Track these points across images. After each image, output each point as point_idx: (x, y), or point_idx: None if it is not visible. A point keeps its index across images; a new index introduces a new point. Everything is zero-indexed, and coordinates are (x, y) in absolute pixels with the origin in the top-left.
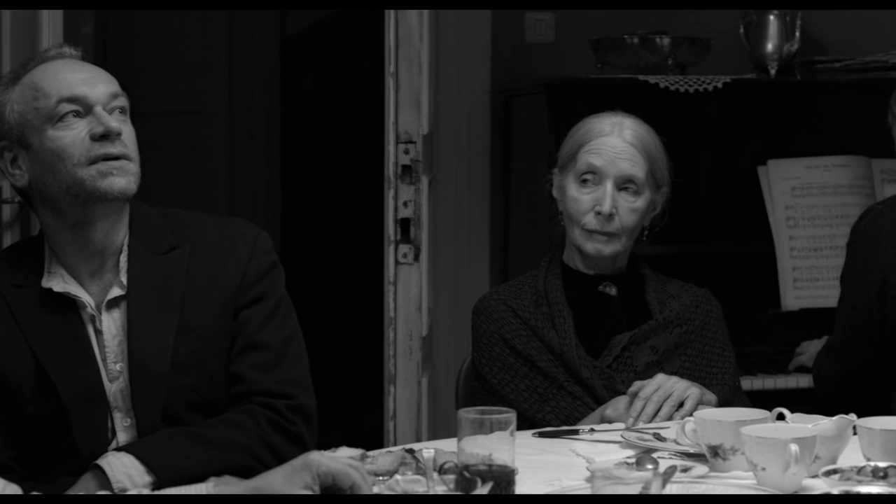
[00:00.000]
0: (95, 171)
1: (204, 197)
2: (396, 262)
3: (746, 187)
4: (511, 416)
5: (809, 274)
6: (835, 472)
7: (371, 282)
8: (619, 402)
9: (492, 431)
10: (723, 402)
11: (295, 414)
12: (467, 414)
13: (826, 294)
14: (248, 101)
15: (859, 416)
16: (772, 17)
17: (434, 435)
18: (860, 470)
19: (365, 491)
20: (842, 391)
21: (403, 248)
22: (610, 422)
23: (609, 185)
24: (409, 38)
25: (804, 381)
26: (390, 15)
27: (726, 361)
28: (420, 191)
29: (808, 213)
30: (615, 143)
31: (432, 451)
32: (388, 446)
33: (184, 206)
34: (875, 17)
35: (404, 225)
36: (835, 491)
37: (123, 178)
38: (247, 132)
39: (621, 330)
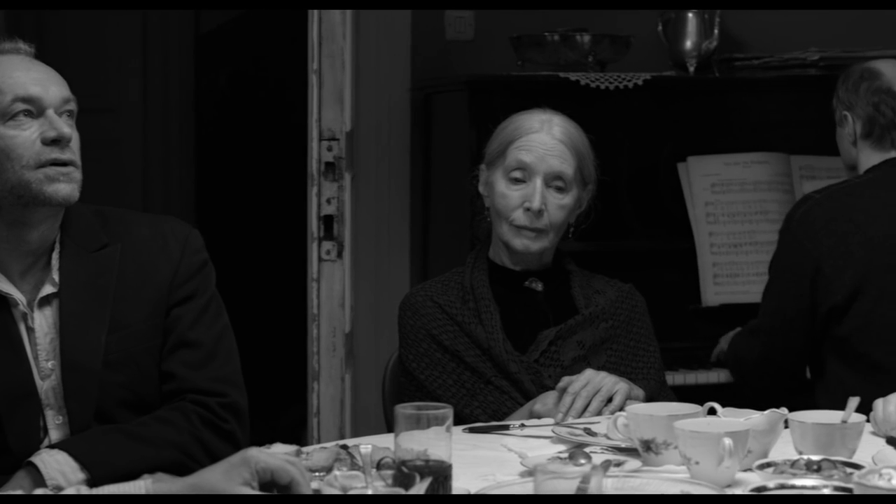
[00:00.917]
0: (43, 174)
1: (118, 194)
2: (320, 259)
3: (666, 184)
4: (448, 411)
5: (729, 270)
6: (768, 465)
7: (293, 279)
8: (548, 398)
9: (428, 427)
10: (649, 397)
11: (227, 411)
12: (404, 410)
13: (746, 290)
14: (161, 98)
15: (777, 404)
16: (690, 15)
17: (356, 431)
18: (794, 463)
19: (304, 487)
20: (761, 375)
21: (327, 244)
22: (539, 417)
23: (538, 182)
24: (332, 35)
25: (724, 375)
26: (314, 13)
27: (651, 356)
28: (343, 188)
29: (728, 209)
30: (545, 139)
31: (369, 446)
32: (311, 443)
33: (97, 203)
34: (792, 16)
35: (327, 222)
36: (770, 484)
37: (69, 185)
38: (161, 129)
39: (548, 325)
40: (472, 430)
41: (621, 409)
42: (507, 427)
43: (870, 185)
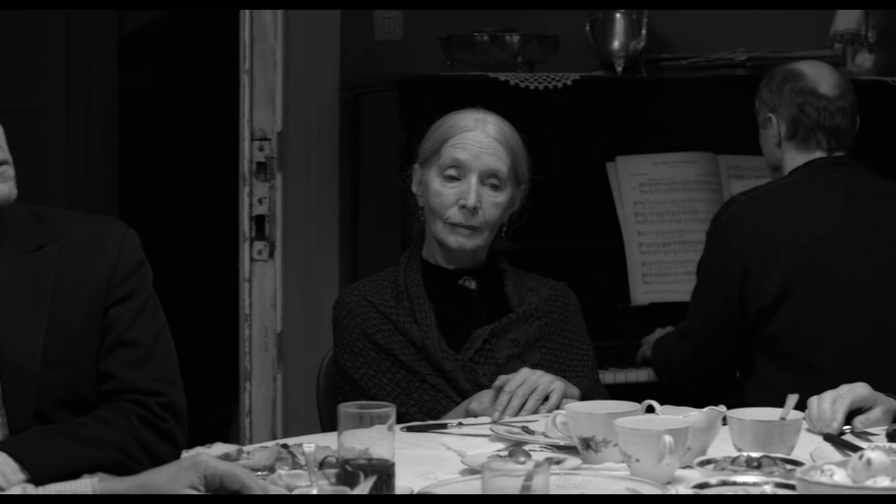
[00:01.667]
0: None
1: (41, 195)
2: (251, 259)
3: (595, 184)
4: (390, 410)
5: (658, 269)
6: (709, 462)
7: (222, 279)
8: (484, 396)
9: (371, 425)
10: (583, 395)
11: (166, 411)
12: (347, 408)
13: (675, 288)
14: (85, 98)
15: (707, 404)
16: (618, 16)
17: (287, 431)
18: (734, 460)
19: (256, 491)
20: (692, 376)
21: (258, 244)
22: (475, 415)
23: (473, 179)
24: (263, 35)
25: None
26: (245, 13)
27: (585, 354)
28: (275, 188)
29: (657, 208)
30: (479, 137)
31: (312, 445)
32: (244, 443)
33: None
34: (720, 16)
35: (259, 222)
36: (712, 481)
37: (6, 185)
38: (84, 130)
39: (482, 323)
40: (410, 429)
41: (557, 407)
42: (444, 426)
43: (795, 186)
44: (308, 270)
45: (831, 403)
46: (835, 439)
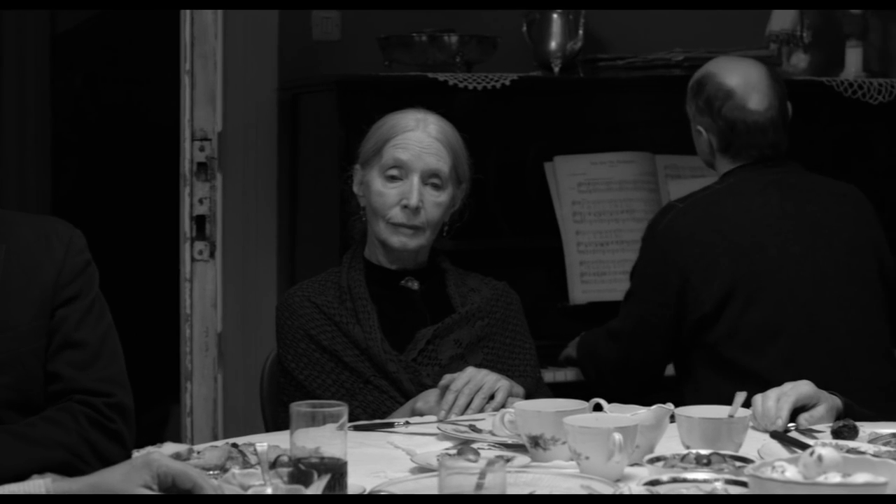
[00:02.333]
0: None
1: None
2: (192, 260)
3: (533, 184)
4: (343, 409)
5: (596, 268)
6: (658, 459)
7: (160, 279)
8: (430, 396)
9: (324, 424)
10: (526, 394)
11: (113, 411)
12: (299, 407)
13: (612, 288)
14: (17, 99)
15: (633, 403)
16: (555, 16)
17: (227, 431)
18: (684, 457)
19: (208, 490)
20: (620, 378)
21: (199, 245)
22: (421, 414)
23: (415, 179)
24: (204, 36)
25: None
26: (186, 14)
27: (527, 353)
28: (215, 188)
29: (595, 208)
30: (421, 137)
31: (265, 444)
32: (186, 442)
33: None
34: (657, 17)
35: (200, 222)
36: (664, 478)
37: None
38: (16, 131)
39: (425, 324)
40: (357, 428)
41: (503, 406)
42: (391, 424)
43: (731, 191)
44: (247, 271)
45: (776, 401)
46: (781, 436)
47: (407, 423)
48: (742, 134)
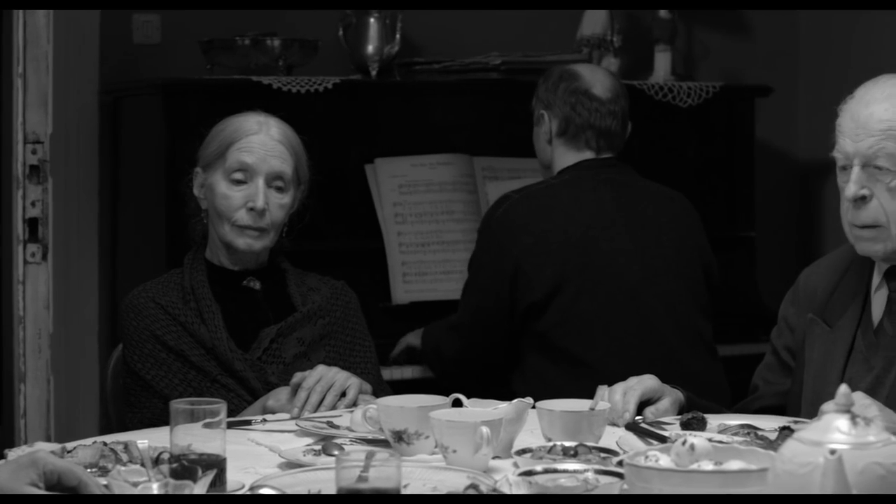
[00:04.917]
0: None
1: None
2: (25, 262)
3: (355, 185)
4: (221, 406)
5: (418, 269)
6: (525, 451)
7: None
8: (281, 393)
9: (203, 420)
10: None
11: None
12: (178, 405)
13: (434, 287)
14: None
15: (475, 394)
16: (372, 20)
17: (60, 432)
18: (550, 449)
19: (93, 488)
20: (461, 369)
21: (32, 247)
22: (273, 412)
23: (260, 182)
24: (37, 38)
25: (419, 371)
26: (18, 15)
27: (368, 351)
28: (48, 190)
29: (415, 209)
30: (264, 140)
31: (146, 442)
32: (19, 444)
33: None
34: (472, 20)
35: (32, 224)
36: (538, 468)
37: None
38: None
39: (268, 323)
40: None
41: (355, 402)
42: (249, 422)
43: (567, 185)
44: (72, 273)
45: (622, 395)
46: (636, 428)
47: (264, 420)
48: (582, 114)
